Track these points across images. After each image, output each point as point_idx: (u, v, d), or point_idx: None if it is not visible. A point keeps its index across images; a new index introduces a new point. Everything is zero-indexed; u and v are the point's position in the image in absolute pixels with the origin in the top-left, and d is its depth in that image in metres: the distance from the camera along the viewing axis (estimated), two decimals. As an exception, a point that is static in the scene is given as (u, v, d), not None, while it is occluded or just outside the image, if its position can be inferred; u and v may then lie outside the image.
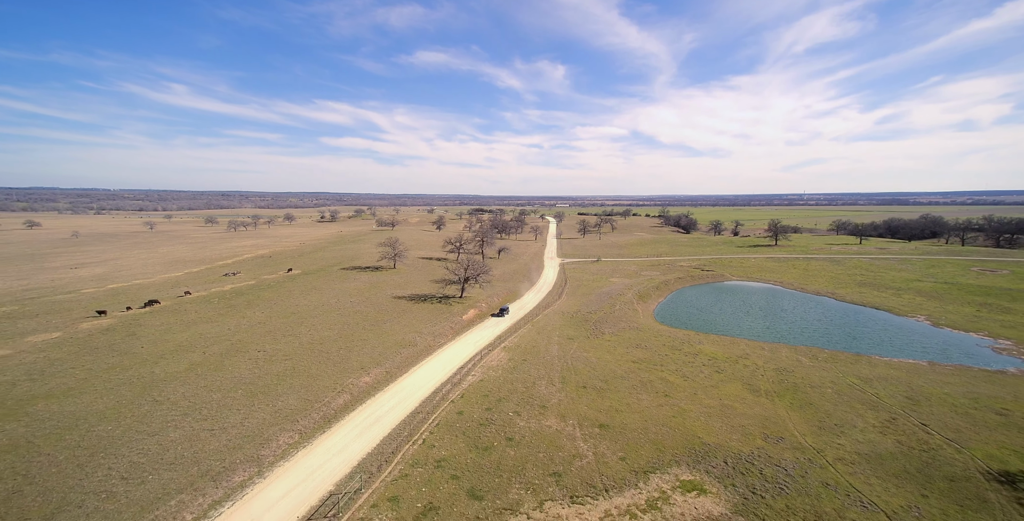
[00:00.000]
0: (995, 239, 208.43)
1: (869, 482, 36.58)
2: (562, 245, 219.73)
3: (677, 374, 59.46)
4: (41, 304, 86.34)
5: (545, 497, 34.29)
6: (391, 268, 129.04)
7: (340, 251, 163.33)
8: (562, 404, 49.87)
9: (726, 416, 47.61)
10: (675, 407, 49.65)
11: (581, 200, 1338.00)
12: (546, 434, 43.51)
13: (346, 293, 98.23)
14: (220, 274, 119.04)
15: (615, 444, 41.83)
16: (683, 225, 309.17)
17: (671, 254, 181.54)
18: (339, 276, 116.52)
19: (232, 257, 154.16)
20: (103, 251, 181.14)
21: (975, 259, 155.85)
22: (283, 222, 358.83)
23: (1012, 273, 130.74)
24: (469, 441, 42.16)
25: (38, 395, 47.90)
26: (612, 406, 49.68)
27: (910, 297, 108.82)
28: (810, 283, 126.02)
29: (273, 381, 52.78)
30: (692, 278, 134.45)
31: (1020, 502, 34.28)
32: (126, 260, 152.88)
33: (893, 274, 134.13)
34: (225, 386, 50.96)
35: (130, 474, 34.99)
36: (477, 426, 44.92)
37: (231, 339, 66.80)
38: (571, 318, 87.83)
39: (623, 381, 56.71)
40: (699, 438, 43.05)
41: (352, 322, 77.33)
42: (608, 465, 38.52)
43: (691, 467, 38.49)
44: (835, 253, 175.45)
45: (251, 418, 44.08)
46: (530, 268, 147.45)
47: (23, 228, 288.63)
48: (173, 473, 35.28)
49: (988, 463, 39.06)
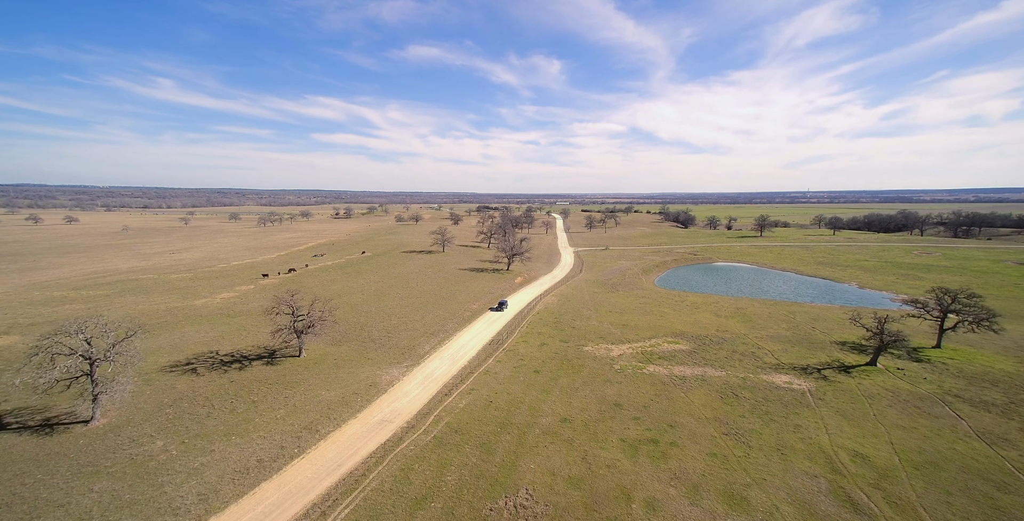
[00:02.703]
0: (953, 231, 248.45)
1: (768, 344, 73.76)
2: (572, 237, 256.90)
3: (667, 308, 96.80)
4: (204, 273, 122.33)
5: (598, 343, 71.25)
6: (441, 252, 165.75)
7: (388, 240, 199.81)
8: (597, 316, 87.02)
9: (696, 324, 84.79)
10: (665, 320, 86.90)
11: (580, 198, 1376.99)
12: (591, 326, 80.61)
13: (420, 267, 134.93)
14: (308, 256, 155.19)
15: (630, 330, 78.93)
16: (681, 220, 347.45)
17: (669, 243, 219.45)
18: (404, 257, 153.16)
19: (297, 245, 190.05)
20: (171, 241, 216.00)
21: (921, 246, 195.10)
22: (301, 218, 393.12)
23: (942, 255, 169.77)
24: (552, 326, 79.24)
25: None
26: (627, 319, 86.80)
27: (853, 271, 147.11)
28: (780, 263, 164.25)
29: (419, 307, 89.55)
30: (686, 260, 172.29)
31: (841, 348, 71.47)
32: (206, 248, 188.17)
33: (848, 256, 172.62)
34: (395, 310, 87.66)
35: (389, 333, 71.71)
36: (553, 322, 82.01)
37: (371, 289, 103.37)
38: (593, 283, 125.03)
39: (633, 310, 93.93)
40: (678, 329, 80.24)
41: (441, 282, 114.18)
42: (627, 336, 75.62)
43: (671, 337, 75.63)
44: (808, 242, 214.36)
45: (424, 320, 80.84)
46: (551, 253, 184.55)
47: (64, 223, 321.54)
48: (410, 334, 72.03)
49: (838, 339, 76.36)
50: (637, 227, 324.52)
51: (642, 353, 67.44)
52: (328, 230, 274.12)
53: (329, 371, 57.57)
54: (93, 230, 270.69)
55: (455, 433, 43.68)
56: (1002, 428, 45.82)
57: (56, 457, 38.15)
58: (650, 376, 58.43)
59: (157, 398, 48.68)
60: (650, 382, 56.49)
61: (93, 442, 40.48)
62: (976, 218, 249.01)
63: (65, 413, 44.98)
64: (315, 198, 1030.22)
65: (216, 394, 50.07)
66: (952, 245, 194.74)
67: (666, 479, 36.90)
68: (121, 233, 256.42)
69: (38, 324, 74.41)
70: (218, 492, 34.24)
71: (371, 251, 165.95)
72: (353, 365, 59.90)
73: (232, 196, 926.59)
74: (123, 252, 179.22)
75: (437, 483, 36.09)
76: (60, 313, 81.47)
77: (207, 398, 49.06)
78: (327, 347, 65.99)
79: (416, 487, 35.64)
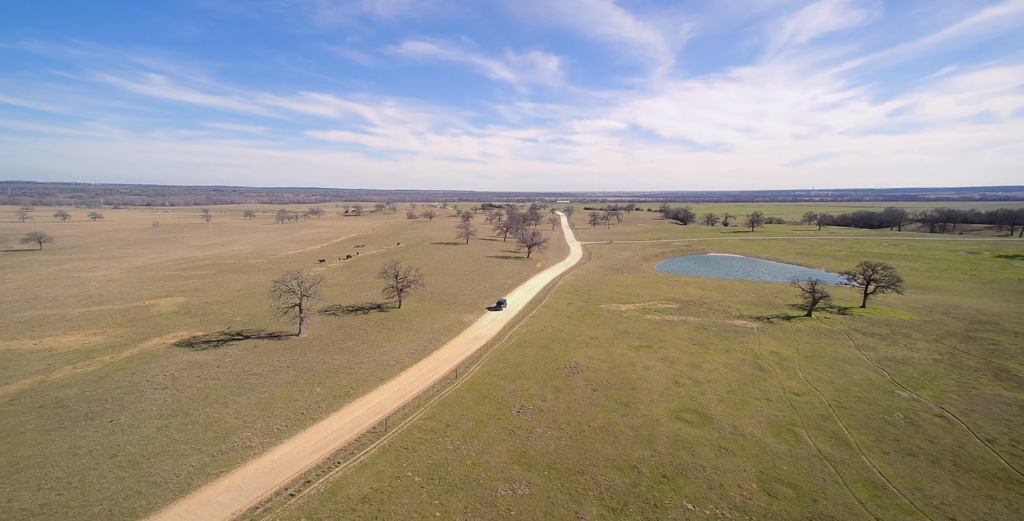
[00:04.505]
0: (931, 226, 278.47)
1: (737, 305, 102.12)
2: (578, 232, 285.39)
3: (663, 284, 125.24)
4: (273, 259, 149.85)
5: (610, 303, 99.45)
6: (465, 244, 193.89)
7: (413, 233, 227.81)
8: (608, 288, 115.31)
9: (685, 294, 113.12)
10: (660, 291, 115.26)
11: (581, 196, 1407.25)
12: (604, 294, 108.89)
13: (453, 255, 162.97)
14: (350, 247, 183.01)
15: (633, 297, 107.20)
16: (681, 218, 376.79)
17: (668, 238, 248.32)
18: (435, 247, 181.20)
19: (333, 238, 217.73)
20: (208, 236, 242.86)
21: (893, 239, 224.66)
22: (313, 216, 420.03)
23: (907, 246, 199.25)
24: (573, 294, 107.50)
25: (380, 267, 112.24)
26: (631, 290, 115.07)
27: (825, 260, 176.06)
28: (764, 253, 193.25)
29: (468, 282, 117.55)
30: (682, 251, 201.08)
31: (791, 308, 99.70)
32: (248, 241, 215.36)
33: (825, 248, 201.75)
34: (449, 283, 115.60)
35: (454, 296, 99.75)
36: (574, 292, 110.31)
37: (424, 270, 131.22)
38: (601, 267, 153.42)
39: (636, 285, 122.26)
40: (670, 296, 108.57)
41: (476, 266, 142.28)
42: (631, 299, 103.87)
43: (665, 301, 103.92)
44: (793, 236, 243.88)
45: (475, 289, 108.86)
46: (560, 246, 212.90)
47: (90, 220, 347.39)
48: (470, 296, 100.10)
49: (791, 303, 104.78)
50: (638, 224, 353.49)
51: (643, 309, 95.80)
52: (349, 226, 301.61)
53: (425, 316, 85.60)
54: (125, 226, 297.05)
55: (524, 343, 71.79)
56: (873, 343, 74.29)
57: (284, 349, 66.02)
58: (648, 320, 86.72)
59: (328, 325, 76.78)
60: (648, 322, 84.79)
61: (305, 343, 68.42)
62: (951, 214, 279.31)
63: (282, 332, 73.02)
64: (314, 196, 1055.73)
65: (361, 325, 78.09)
66: (920, 239, 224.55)
67: (655, 359, 65.18)
68: (154, 229, 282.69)
69: (185, 291, 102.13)
70: (400, 361, 62.34)
71: (404, 243, 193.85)
72: (439, 313, 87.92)
73: (231, 194, 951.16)
74: (176, 245, 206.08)
75: (522, 360, 64.20)
76: (191, 285, 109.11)
77: (357, 327, 77.08)
78: (414, 304, 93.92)
79: (510, 361, 63.69)
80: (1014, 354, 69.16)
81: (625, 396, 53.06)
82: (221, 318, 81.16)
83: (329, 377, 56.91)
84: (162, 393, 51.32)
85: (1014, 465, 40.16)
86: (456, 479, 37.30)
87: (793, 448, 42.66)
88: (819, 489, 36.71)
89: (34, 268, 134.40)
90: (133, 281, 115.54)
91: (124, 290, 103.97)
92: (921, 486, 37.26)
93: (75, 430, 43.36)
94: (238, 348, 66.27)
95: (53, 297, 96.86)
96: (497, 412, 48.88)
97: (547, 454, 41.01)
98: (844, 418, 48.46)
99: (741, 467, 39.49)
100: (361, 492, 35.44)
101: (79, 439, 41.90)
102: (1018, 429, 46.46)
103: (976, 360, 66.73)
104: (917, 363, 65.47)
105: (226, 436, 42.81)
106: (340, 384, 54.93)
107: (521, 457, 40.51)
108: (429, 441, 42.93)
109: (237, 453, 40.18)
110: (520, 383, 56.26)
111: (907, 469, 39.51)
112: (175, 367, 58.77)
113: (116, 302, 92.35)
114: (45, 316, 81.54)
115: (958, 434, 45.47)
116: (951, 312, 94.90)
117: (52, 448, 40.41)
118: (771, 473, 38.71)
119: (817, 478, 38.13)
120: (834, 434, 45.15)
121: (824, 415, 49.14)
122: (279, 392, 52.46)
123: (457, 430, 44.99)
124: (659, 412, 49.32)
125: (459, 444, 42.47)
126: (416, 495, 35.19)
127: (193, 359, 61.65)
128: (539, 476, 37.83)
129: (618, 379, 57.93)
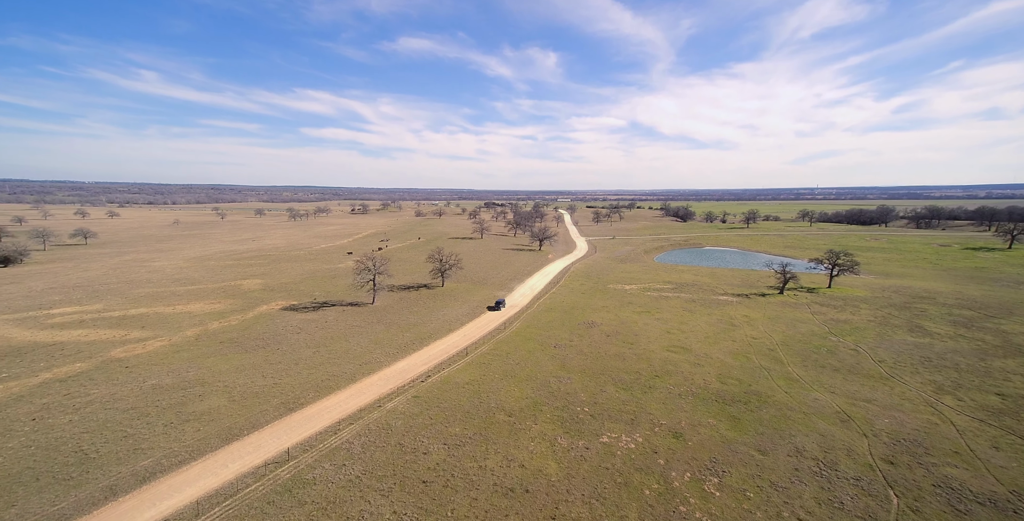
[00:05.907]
0: (916, 223, 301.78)
1: (723, 286, 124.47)
2: (582, 229, 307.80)
3: (662, 272, 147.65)
4: (311, 252, 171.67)
5: (616, 284, 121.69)
6: (480, 238, 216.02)
7: (429, 229, 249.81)
8: (613, 274, 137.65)
9: (680, 278, 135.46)
10: (659, 276, 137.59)
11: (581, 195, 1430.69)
12: (610, 277, 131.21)
13: (471, 248, 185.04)
14: (374, 241, 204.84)
15: (636, 280, 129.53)
16: (681, 215, 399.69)
17: (668, 233, 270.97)
18: (453, 241, 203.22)
19: (355, 234, 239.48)
20: (233, 232, 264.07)
21: (876, 234, 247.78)
22: (321, 214, 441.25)
23: (887, 240, 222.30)
24: (584, 278, 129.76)
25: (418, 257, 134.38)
26: (634, 275, 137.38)
27: (809, 252, 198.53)
28: (756, 246, 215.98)
29: (492, 268, 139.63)
30: (681, 244, 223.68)
31: (768, 288, 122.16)
32: (275, 237, 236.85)
33: (812, 242, 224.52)
34: (477, 270, 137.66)
35: (485, 278, 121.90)
36: (584, 276, 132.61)
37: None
38: (606, 258, 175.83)
39: (638, 272, 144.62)
40: (667, 280, 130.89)
41: (495, 256, 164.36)
42: (634, 282, 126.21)
43: (662, 283, 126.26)
44: (784, 231, 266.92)
45: (501, 274, 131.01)
46: (567, 241, 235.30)
47: (108, 217, 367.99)
48: (498, 279, 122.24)
49: (770, 285, 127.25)
50: (640, 221, 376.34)
51: (643, 288, 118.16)
52: (363, 223, 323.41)
53: (465, 292, 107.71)
54: (147, 223, 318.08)
55: (550, 309, 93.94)
56: (825, 311, 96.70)
57: (367, 313, 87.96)
58: (648, 295, 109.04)
59: (392, 297, 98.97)
60: (647, 297, 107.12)
61: (381, 309, 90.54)
62: (936, 211, 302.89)
63: (359, 301, 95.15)
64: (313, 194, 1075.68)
65: (416, 299, 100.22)
66: (902, 234, 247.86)
67: (653, 319, 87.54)
68: (176, 226, 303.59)
69: (257, 275, 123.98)
70: (460, 319, 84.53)
71: (423, 238, 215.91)
72: (476, 291, 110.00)
73: (230, 192, 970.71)
74: (207, 241, 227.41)
75: (551, 319, 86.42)
76: (257, 271, 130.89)
77: (414, 300, 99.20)
78: (454, 284, 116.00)
79: (542, 320, 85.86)
80: (933, 318, 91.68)
81: (630, 339, 75.39)
82: (303, 293, 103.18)
83: (411, 328, 79.07)
84: (298, 336, 73.41)
85: (886, 371, 62.54)
86: (522, 377, 59.47)
87: (744, 363, 64.99)
88: (754, 380, 59.03)
89: (101, 260, 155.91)
90: (202, 268, 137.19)
91: (202, 275, 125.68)
92: (820, 380, 59.65)
93: (258, 353, 65.44)
94: (332, 312, 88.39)
95: (146, 280, 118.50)
96: (540, 347, 71.10)
97: (579, 366, 63.23)
98: (784, 350, 70.87)
99: (706, 372, 61.81)
100: (464, 379, 57.69)
101: (266, 356, 64.00)
102: (905, 356, 68.83)
103: (901, 321, 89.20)
104: (855, 322, 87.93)
105: (361, 356, 64.97)
106: (422, 332, 77.14)
107: (562, 368, 62.71)
108: (499, 360, 65.12)
109: (374, 365, 62.31)
110: (552, 332, 78.54)
111: (815, 373, 61.88)
112: (295, 322, 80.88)
113: (205, 283, 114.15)
114: (158, 292, 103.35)
115: (860, 358, 67.86)
116: (901, 291, 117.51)
117: (252, 360, 62.46)
118: (726, 374, 61.01)
119: (755, 376, 60.45)
120: (774, 358, 67.50)
121: (770, 348, 71.57)
122: (381, 336, 74.59)
123: (515, 355, 67.17)
124: (654, 347, 71.62)
125: (519, 361, 64.64)
126: (499, 383, 57.34)
127: (303, 317, 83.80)
128: (575, 375, 60.03)
129: (625, 330, 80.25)
